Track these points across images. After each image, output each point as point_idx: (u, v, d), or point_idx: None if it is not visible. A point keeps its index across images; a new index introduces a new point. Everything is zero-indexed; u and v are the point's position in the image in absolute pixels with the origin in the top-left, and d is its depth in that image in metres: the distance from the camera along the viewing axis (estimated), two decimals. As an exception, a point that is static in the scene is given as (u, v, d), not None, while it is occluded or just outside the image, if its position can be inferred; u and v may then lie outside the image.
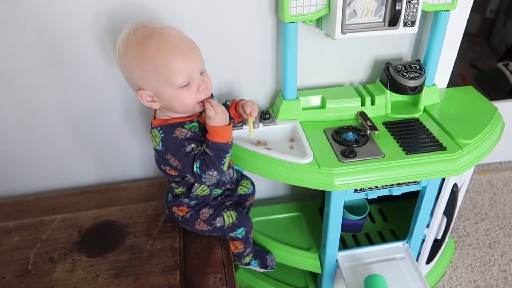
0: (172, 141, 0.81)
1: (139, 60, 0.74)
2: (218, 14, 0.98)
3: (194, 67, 0.77)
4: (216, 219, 0.94)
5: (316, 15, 0.93)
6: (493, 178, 1.71)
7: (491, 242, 1.43)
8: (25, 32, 0.93)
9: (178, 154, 0.81)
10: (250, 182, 1.09)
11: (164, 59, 0.73)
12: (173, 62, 0.74)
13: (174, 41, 0.75)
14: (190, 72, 0.76)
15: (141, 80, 0.77)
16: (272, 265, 1.13)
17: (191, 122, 0.84)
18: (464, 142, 0.96)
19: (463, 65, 2.45)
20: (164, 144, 0.81)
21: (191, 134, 0.82)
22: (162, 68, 0.74)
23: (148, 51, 0.73)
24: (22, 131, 1.09)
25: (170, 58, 0.73)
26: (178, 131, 0.81)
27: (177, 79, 0.75)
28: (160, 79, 0.75)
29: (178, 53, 0.74)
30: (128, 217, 1.05)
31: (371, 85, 1.10)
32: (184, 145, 0.80)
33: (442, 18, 0.99)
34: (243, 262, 1.09)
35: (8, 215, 1.09)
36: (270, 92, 1.14)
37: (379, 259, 1.11)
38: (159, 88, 0.76)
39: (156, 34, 0.74)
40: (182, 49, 0.75)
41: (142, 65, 0.74)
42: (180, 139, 0.80)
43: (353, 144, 0.96)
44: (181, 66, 0.74)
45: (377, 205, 1.33)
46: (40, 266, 0.93)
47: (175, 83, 0.75)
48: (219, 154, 0.80)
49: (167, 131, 0.81)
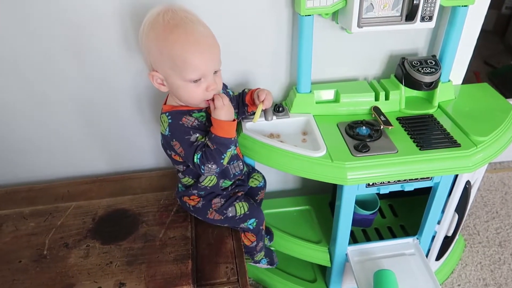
0: (178, 128, 0.82)
1: (159, 43, 0.75)
2: (235, 6, 0.98)
3: (209, 66, 0.77)
4: (228, 208, 0.95)
5: (332, 8, 0.92)
6: (505, 177, 1.69)
7: (501, 241, 1.43)
8: (38, 22, 0.94)
9: (183, 142, 0.82)
10: (261, 175, 1.10)
11: (182, 51, 0.74)
12: (190, 57, 0.74)
13: (197, 37, 0.75)
14: (204, 70, 0.77)
15: (156, 63, 0.78)
16: (277, 261, 1.15)
17: (200, 111, 0.84)
18: (479, 139, 0.95)
19: (477, 62, 2.42)
20: (171, 130, 0.82)
21: (197, 123, 0.83)
22: (178, 59, 0.74)
23: (170, 38, 0.73)
24: (36, 119, 1.11)
25: (188, 52, 0.74)
26: (186, 119, 0.82)
27: (190, 74, 0.76)
28: (174, 69, 0.76)
29: (198, 50, 0.75)
30: (141, 206, 1.06)
31: (385, 80, 1.10)
32: (189, 134, 0.81)
33: (460, 14, 0.98)
34: (254, 259, 1.10)
35: (23, 201, 1.11)
36: (284, 85, 1.14)
37: (389, 254, 1.12)
38: (171, 75, 0.77)
39: (183, 24, 0.74)
40: (202, 46, 0.75)
41: (160, 49, 0.75)
42: (186, 126, 0.81)
43: (367, 139, 0.96)
44: (196, 63, 0.75)
45: (388, 200, 1.33)
46: (55, 252, 0.95)
47: (186, 77, 0.76)
48: (220, 149, 0.81)
49: (175, 117, 0.82)
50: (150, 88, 1.09)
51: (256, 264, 1.12)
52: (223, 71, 1.06)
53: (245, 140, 1.00)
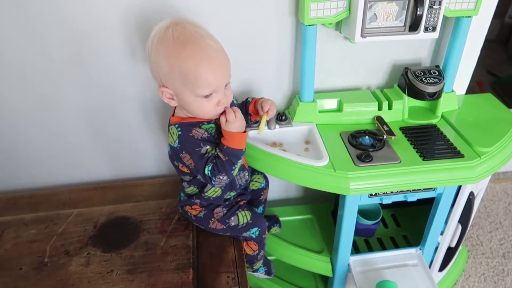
0: (188, 140, 0.81)
1: (170, 60, 0.74)
2: (238, 15, 0.98)
3: (221, 81, 0.77)
4: (230, 218, 0.94)
5: (336, 18, 0.93)
6: (508, 187, 1.68)
7: (505, 252, 1.41)
8: (46, 29, 0.94)
9: (194, 154, 0.81)
10: (262, 176, 1.08)
11: (194, 67, 0.73)
12: (203, 73, 0.74)
13: (209, 52, 0.75)
14: (216, 86, 0.77)
15: (166, 78, 0.77)
16: (274, 272, 1.15)
17: (209, 123, 0.84)
18: (483, 150, 0.95)
19: (480, 71, 2.42)
20: (181, 142, 0.82)
21: (207, 135, 0.82)
22: (191, 75, 0.74)
23: (182, 54, 0.73)
24: (39, 125, 1.11)
25: (201, 68, 0.74)
26: (196, 131, 0.82)
27: (202, 90, 0.76)
28: (185, 85, 0.76)
29: (210, 66, 0.75)
30: (143, 214, 1.06)
31: (388, 90, 1.10)
32: (199, 146, 0.81)
33: (463, 24, 0.98)
34: (253, 268, 1.09)
35: (25, 207, 1.11)
36: (287, 94, 1.14)
37: (391, 264, 1.11)
38: (182, 91, 0.77)
39: (194, 40, 0.74)
40: (214, 62, 0.75)
41: (171, 65, 0.74)
42: (196, 139, 0.81)
43: (369, 149, 0.96)
44: (209, 79, 0.75)
45: (390, 210, 1.33)
46: (56, 259, 0.94)
47: (198, 93, 0.76)
48: (232, 160, 0.80)
49: (185, 129, 0.82)
50: (154, 97, 1.09)
51: (254, 273, 1.11)
52: (227, 79, 1.08)
53: (248, 149, 0.99)
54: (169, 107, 1.04)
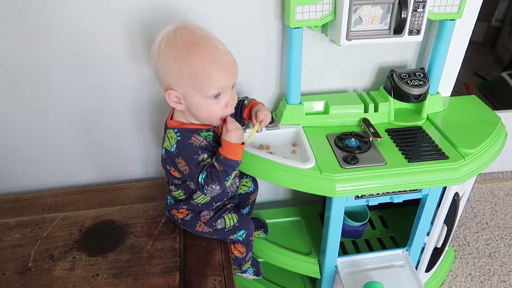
0: (187, 146, 0.81)
1: (180, 63, 0.74)
2: (224, 18, 0.98)
3: (230, 82, 0.78)
4: (217, 221, 0.94)
5: (321, 21, 0.93)
6: (494, 188, 1.71)
7: (491, 252, 1.43)
8: (35, 30, 0.94)
9: (191, 161, 0.81)
10: (250, 179, 1.08)
11: (204, 69, 0.74)
12: (213, 75, 0.74)
13: (219, 55, 0.76)
14: (225, 87, 0.77)
15: (175, 82, 0.77)
16: (262, 272, 1.15)
17: (208, 130, 0.84)
18: (467, 151, 0.96)
19: (467, 74, 2.45)
20: (178, 147, 0.81)
21: (206, 143, 0.82)
22: (200, 77, 0.74)
23: (192, 57, 0.73)
24: (24, 128, 1.10)
25: (211, 70, 0.74)
26: (195, 138, 0.81)
27: (211, 91, 0.76)
28: (195, 87, 0.75)
29: (220, 67, 0.75)
30: (129, 217, 1.05)
31: (374, 92, 1.11)
32: (197, 153, 0.81)
33: (447, 27, 0.99)
34: (242, 269, 1.09)
35: (9, 211, 1.09)
36: (274, 96, 1.15)
37: (379, 266, 1.11)
38: (190, 94, 0.77)
39: (203, 43, 0.75)
40: (224, 64, 0.76)
41: (181, 68, 0.74)
42: (195, 146, 0.81)
43: (356, 151, 0.97)
44: (219, 80, 0.75)
45: (378, 211, 1.33)
46: (40, 264, 0.93)
47: (208, 94, 0.76)
48: (227, 170, 0.80)
49: (184, 135, 0.81)
50: (142, 100, 1.08)
51: (242, 274, 1.11)
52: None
53: (235, 151, 0.99)
54: (159, 110, 1.03)
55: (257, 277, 1.14)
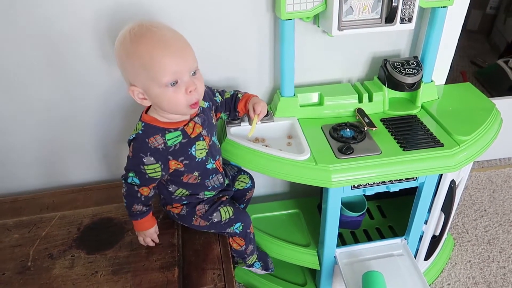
0: (142, 143, 0.81)
1: (130, 57, 0.75)
2: (216, 12, 0.98)
3: (183, 66, 0.75)
4: (213, 214, 0.94)
5: (313, 12, 0.93)
6: (492, 175, 1.71)
7: (490, 239, 1.43)
8: (20, 30, 0.93)
9: (135, 155, 0.82)
10: (248, 176, 1.09)
11: (151, 56, 0.73)
12: (160, 60, 0.73)
13: (165, 39, 0.74)
14: (178, 71, 0.75)
15: (132, 77, 0.77)
16: (272, 267, 1.15)
17: (176, 130, 0.83)
18: (461, 138, 0.96)
19: (463, 62, 2.45)
20: (136, 138, 0.82)
21: (162, 147, 0.82)
22: (150, 65, 0.74)
23: (138, 48, 0.73)
24: (20, 128, 1.10)
25: (158, 55, 0.73)
26: (154, 139, 0.81)
27: (163, 77, 0.74)
28: (148, 77, 0.75)
29: (167, 52, 0.74)
30: (127, 214, 1.05)
31: (368, 82, 1.11)
32: (146, 154, 0.81)
33: (439, 15, 0.99)
34: (247, 263, 1.09)
35: (7, 212, 1.09)
36: (268, 89, 1.14)
37: (377, 255, 1.12)
38: (148, 86, 0.76)
39: (149, 33, 0.74)
40: (171, 48, 0.74)
41: (132, 62, 0.75)
42: (149, 146, 0.81)
43: (351, 141, 0.97)
44: (168, 65, 0.74)
45: (376, 201, 1.34)
46: (39, 263, 0.93)
47: (161, 81, 0.74)
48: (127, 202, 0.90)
49: (146, 132, 0.82)
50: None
51: (250, 268, 1.12)
52: (207, 77, 1.08)
53: (230, 145, 0.99)
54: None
55: (266, 272, 1.14)
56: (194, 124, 0.85)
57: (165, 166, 0.84)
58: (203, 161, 0.88)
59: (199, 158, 0.87)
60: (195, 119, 0.85)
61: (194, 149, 0.86)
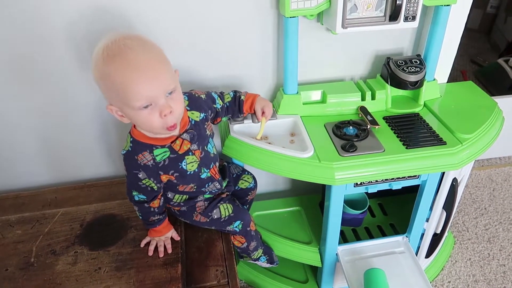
0: (132, 160, 0.82)
1: (103, 78, 0.72)
2: (219, 9, 0.98)
3: (156, 90, 0.71)
4: (213, 211, 0.95)
5: (317, 10, 0.93)
6: (492, 173, 1.71)
7: (490, 237, 1.44)
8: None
9: (130, 173, 0.84)
10: (252, 176, 1.09)
11: (122, 80, 0.69)
12: (131, 85, 0.69)
13: (137, 62, 0.69)
14: (151, 96, 0.71)
15: (108, 97, 0.75)
16: (276, 260, 1.15)
17: (163, 147, 0.81)
18: (464, 136, 0.96)
19: (464, 61, 2.45)
20: (126, 156, 0.83)
21: (152, 163, 0.81)
22: (120, 89, 0.70)
23: (109, 70, 0.70)
24: (23, 125, 1.09)
25: (128, 80, 0.69)
26: (142, 156, 0.81)
27: (135, 102, 0.70)
28: (120, 100, 0.72)
29: (138, 77, 0.69)
30: (129, 211, 1.06)
31: (371, 80, 1.11)
32: (138, 170, 0.82)
33: (442, 13, 0.99)
34: (252, 258, 1.09)
35: (10, 208, 1.09)
36: (271, 87, 1.15)
37: (379, 253, 1.12)
38: (122, 108, 0.74)
39: (122, 54, 0.69)
40: (143, 72, 0.69)
41: (105, 83, 0.72)
42: (138, 163, 0.81)
43: (354, 139, 0.97)
44: (139, 90, 0.70)
45: (377, 199, 1.34)
46: (42, 259, 0.93)
47: (134, 106, 0.71)
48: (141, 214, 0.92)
49: (135, 149, 0.81)
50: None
51: (256, 262, 1.12)
52: (210, 74, 1.08)
53: (233, 143, 1.00)
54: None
55: (271, 265, 1.15)
56: (182, 141, 0.82)
57: (157, 181, 0.85)
58: (196, 172, 0.88)
59: (190, 171, 0.86)
60: (183, 136, 0.82)
61: (185, 163, 0.85)
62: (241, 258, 1.12)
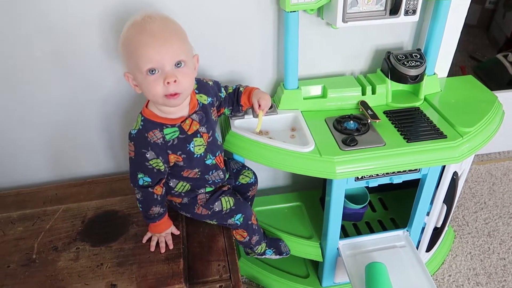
0: (142, 138, 0.83)
1: (122, 43, 0.78)
2: (220, 5, 0.98)
3: (164, 56, 0.75)
4: (214, 203, 0.95)
5: (317, 4, 0.93)
6: (492, 168, 1.72)
7: (490, 231, 1.45)
8: (23, 29, 0.93)
9: (138, 152, 0.84)
10: (252, 172, 1.09)
11: (134, 43, 0.75)
12: (142, 47, 0.74)
13: (153, 29, 0.74)
14: (157, 60, 0.75)
15: (125, 62, 0.80)
16: (286, 251, 1.14)
17: (173, 126, 0.84)
18: (465, 130, 0.97)
19: (463, 57, 2.45)
20: (137, 134, 0.84)
21: (161, 141, 0.83)
22: (133, 51, 0.75)
23: (128, 34, 0.76)
24: (24, 122, 1.09)
25: (140, 42, 0.74)
26: (152, 133, 0.83)
27: (144, 64, 0.75)
28: (133, 63, 0.77)
29: (151, 41, 0.74)
30: (131, 207, 1.06)
31: (372, 75, 1.11)
32: (147, 149, 0.83)
33: (443, 7, 0.99)
34: (257, 252, 1.09)
35: (11, 205, 1.09)
36: (272, 82, 1.15)
37: (380, 247, 1.12)
38: (134, 73, 0.79)
39: (143, 22, 0.75)
40: (157, 37, 0.74)
41: (123, 47, 0.78)
42: (148, 140, 0.83)
43: (354, 133, 0.97)
44: (149, 53, 0.74)
45: (378, 194, 1.34)
46: (44, 255, 0.93)
47: (142, 68, 0.75)
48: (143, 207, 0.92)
49: (146, 127, 0.83)
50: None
51: (263, 256, 1.12)
52: (211, 70, 1.08)
53: (234, 138, 1.00)
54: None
55: (280, 256, 1.14)
56: (191, 121, 0.85)
57: (165, 160, 0.86)
58: (202, 157, 0.89)
59: (197, 154, 0.88)
60: (192, 116, 0.86)
61: (193, 145, 0.87)
62: (247, 254, 1.12)
